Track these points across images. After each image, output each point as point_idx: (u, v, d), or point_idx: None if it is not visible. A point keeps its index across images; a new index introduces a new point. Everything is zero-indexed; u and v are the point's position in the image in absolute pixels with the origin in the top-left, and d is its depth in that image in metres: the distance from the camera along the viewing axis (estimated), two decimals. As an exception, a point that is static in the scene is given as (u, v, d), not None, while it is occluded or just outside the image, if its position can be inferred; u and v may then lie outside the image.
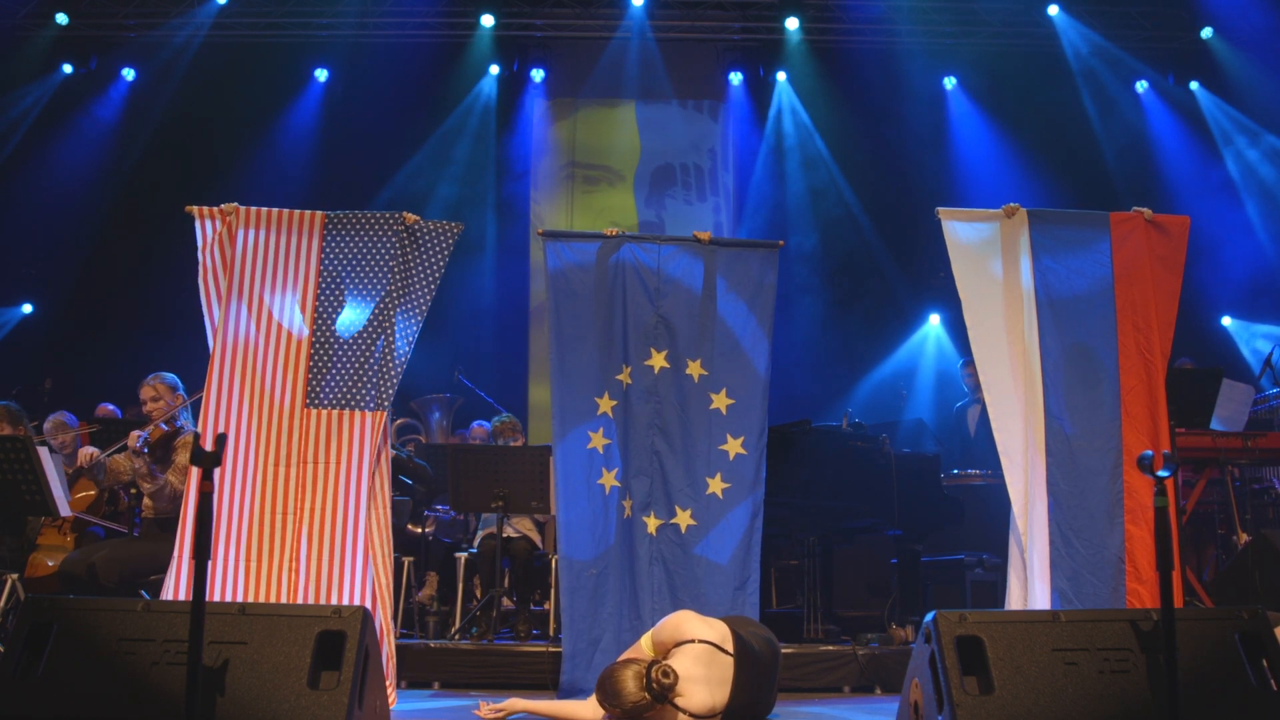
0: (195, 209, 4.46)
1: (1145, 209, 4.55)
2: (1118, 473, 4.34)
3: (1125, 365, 4.42)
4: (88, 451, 4.90)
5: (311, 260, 4.40)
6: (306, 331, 4.33)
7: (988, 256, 4.57)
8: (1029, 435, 4.38)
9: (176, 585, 4.13)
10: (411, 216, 4.43)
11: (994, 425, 4.47)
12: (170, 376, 5.06)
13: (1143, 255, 4.50)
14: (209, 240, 4.42)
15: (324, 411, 4.25)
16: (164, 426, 4.84)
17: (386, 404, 4.27)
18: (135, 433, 4.84)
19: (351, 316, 4.36)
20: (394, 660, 4.21)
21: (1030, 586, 4.28)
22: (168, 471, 4.88)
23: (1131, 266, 4.49)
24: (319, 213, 4.45)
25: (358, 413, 4.24)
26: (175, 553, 4.19)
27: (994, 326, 4.52)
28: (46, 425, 5.97)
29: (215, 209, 4.44)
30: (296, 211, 4.45)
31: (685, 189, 10.56)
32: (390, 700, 3.93)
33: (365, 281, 4.37)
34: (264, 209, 4.43)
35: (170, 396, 4.98)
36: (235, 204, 4.43)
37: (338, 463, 4.19)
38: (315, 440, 4.23)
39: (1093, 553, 4.27)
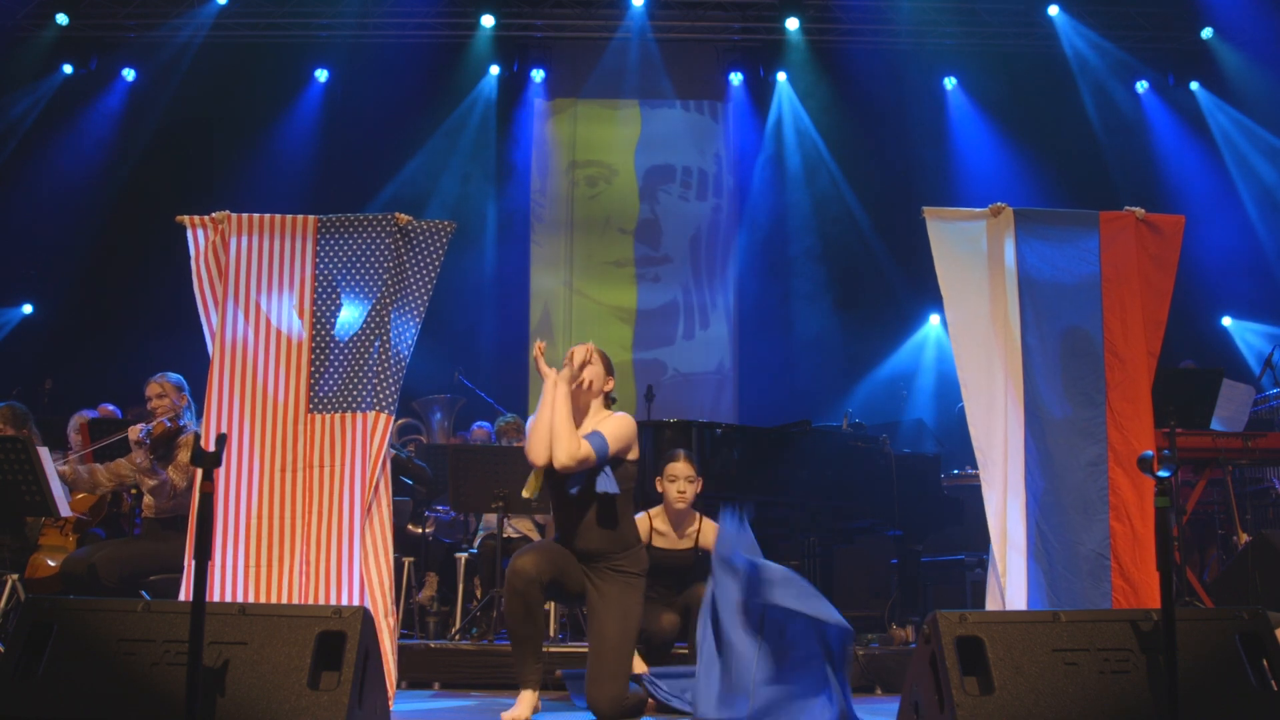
0: (186, 218, 4.39)
1: (1138, 208, 4.53)
2: (1100, 469, 4.31)
3: (1111, 362, 4.40)
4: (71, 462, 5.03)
5: (306, 264, 4.36)
6: (305, 335, 4.30)
7: (973, 255, 4.54)
8: (1009, 428, 4.35)
9: (188, 587, 4.13)
10: (404, 217, 4.37)
11: (970, 421, 4.41)
12: (175, 376, 5.08)
13: (1133, 254, 4.47)
14: (202, 249, 4.36)
15: (326, 416, 4.23)
16: (167, 423, 4.85)
17: (389, 406, 4.24)
18: (138, 425, 4.85)
19: (348, 319, 4.33)
20: (394, 660, 4.20)
21: (1009, 581, 4.23)
22: (169, 468, 4.90)
23: (1121, 264, 4.47)
24: (312, 216, 4.39)
25: (358, 414, 4.22)
26: (186, 556, 4.18)
27: (978, 324, 4.49)
28: (71, 424, 6.02)
29: (206, 217, 4.37)
30: (289, 216, 4.39)
31: (685, 188, 10.58)
32: (390, 700, 3.93)
33: (360, 283, 4.35)
34: (256, 215, 4.37)
35: (175, 395, 5.01)
36: (226, 211, 4.37)
37: (340, 466, 4.17)
38: (319, 445, 4.21)
39: (1067, 548, 4.23)
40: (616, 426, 3.91)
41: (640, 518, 4.56)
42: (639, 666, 4.35)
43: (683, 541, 4.63)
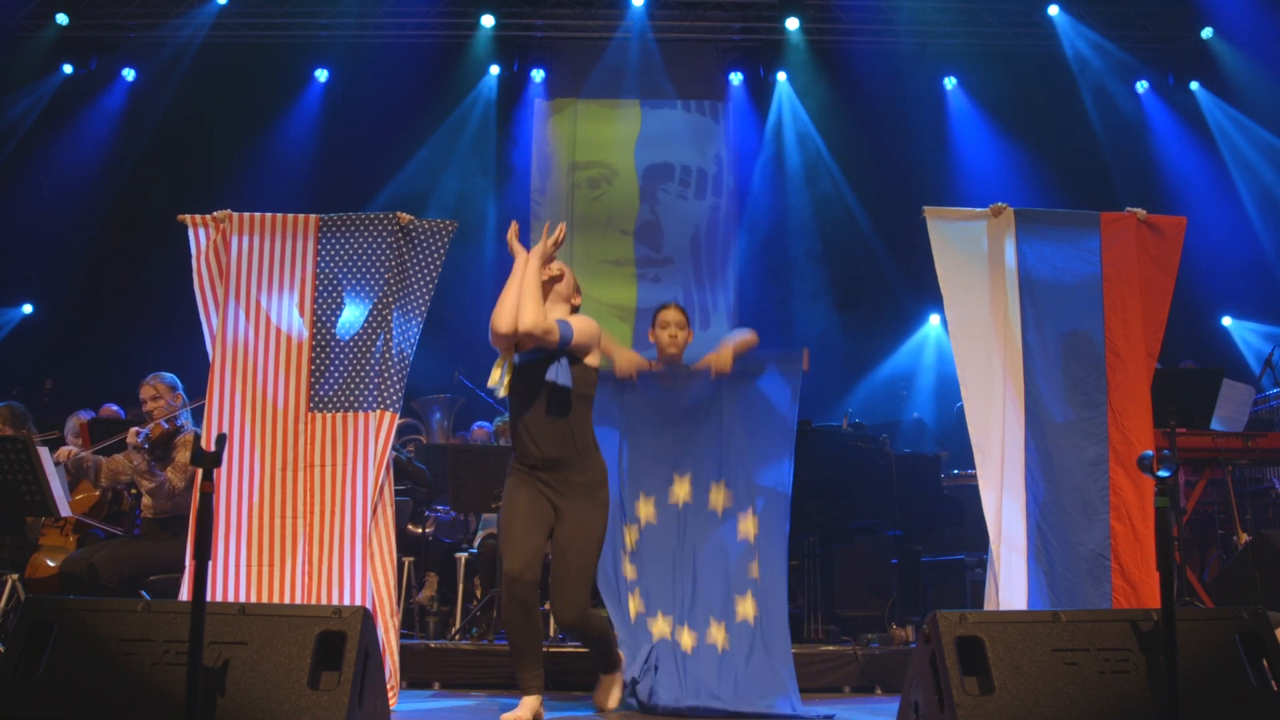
0: (187, 217, 4.39)
1: (1139, 209, 4.52)
2: (1100, 469, 4.31)
3: (1112, 363, 4.40)
4: (65, 450, 5.03)
5: (308, 263, 4.36)
6: (306, 334, 4.30)
7: (973, 255, 4.54)
8: (1009, 428, 4.34)
9: (192, 588, 4.12)
10: (405, 216, 4.37)
11: (970, 421, 4.41)
12: (169, 376, 5.07)
13: (1134, 255, 4.47)
14: (203, 248, 4.36)
15: (327, 415, 4.23)
16: (164, 424, 4.85)
17: (392, 405, 4.24)
18: (135, 429, 4.85)
19: (349, 318, 4.34)
20: (395, 660, 4.20)
21: (1009, 582, 4.23)
22: (167, 469, 4.90)
23: (1121, 266, 4.46)
24: (313, 216, 4.39)
25: (360, 414, 4.22)
26: (187, 555, 4.18)
27: (978, 324, 4.49)
28: (69, 426, 6.03)
29: (207, 216, 4.37)
30: (290, 215, 4.38)
31: (684, 187, 10.57)
32: (391, 700, 3.93)
33: (362, 282, 4.35)
34: (257, 214, 4.37)
35: (170, 396, 5.01)
36: (228, 210, 4.37)
37: (343, 465, 4.17)
38: (320, 444, 4.21)
39: (1067, 548, 4.23)
40: (583, 322, 4.00)
41: None
42: None
43: None
